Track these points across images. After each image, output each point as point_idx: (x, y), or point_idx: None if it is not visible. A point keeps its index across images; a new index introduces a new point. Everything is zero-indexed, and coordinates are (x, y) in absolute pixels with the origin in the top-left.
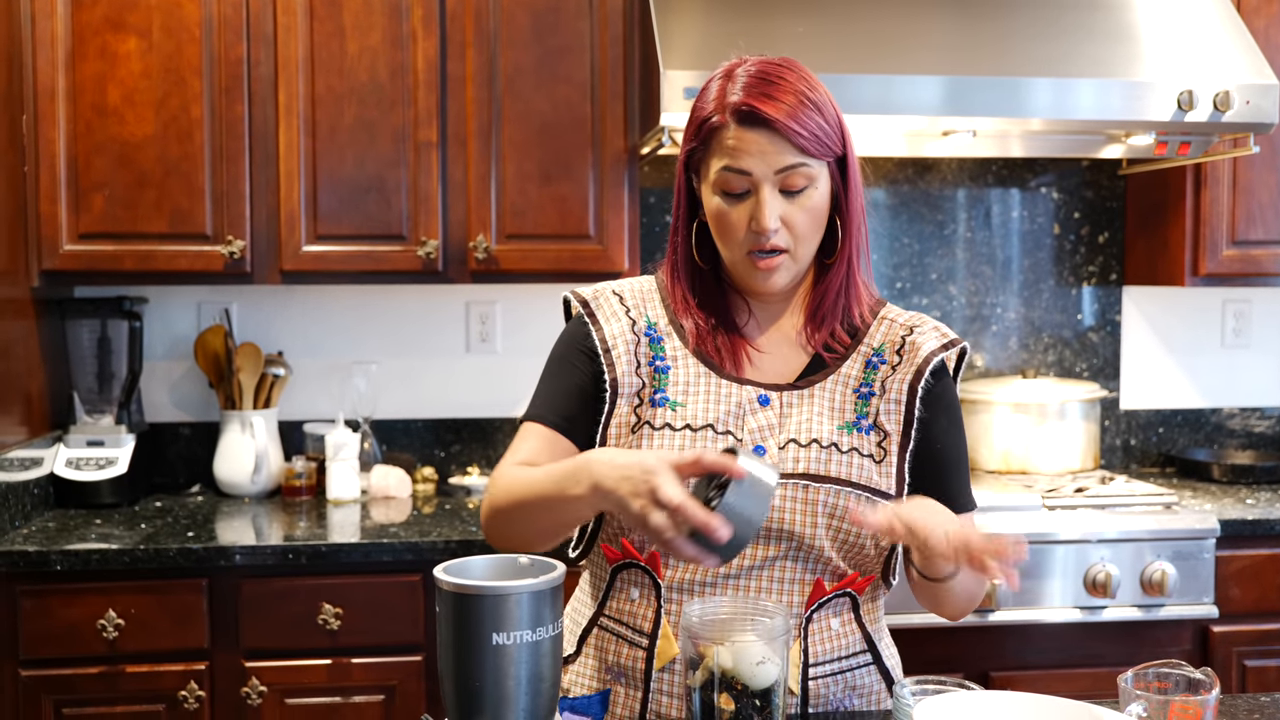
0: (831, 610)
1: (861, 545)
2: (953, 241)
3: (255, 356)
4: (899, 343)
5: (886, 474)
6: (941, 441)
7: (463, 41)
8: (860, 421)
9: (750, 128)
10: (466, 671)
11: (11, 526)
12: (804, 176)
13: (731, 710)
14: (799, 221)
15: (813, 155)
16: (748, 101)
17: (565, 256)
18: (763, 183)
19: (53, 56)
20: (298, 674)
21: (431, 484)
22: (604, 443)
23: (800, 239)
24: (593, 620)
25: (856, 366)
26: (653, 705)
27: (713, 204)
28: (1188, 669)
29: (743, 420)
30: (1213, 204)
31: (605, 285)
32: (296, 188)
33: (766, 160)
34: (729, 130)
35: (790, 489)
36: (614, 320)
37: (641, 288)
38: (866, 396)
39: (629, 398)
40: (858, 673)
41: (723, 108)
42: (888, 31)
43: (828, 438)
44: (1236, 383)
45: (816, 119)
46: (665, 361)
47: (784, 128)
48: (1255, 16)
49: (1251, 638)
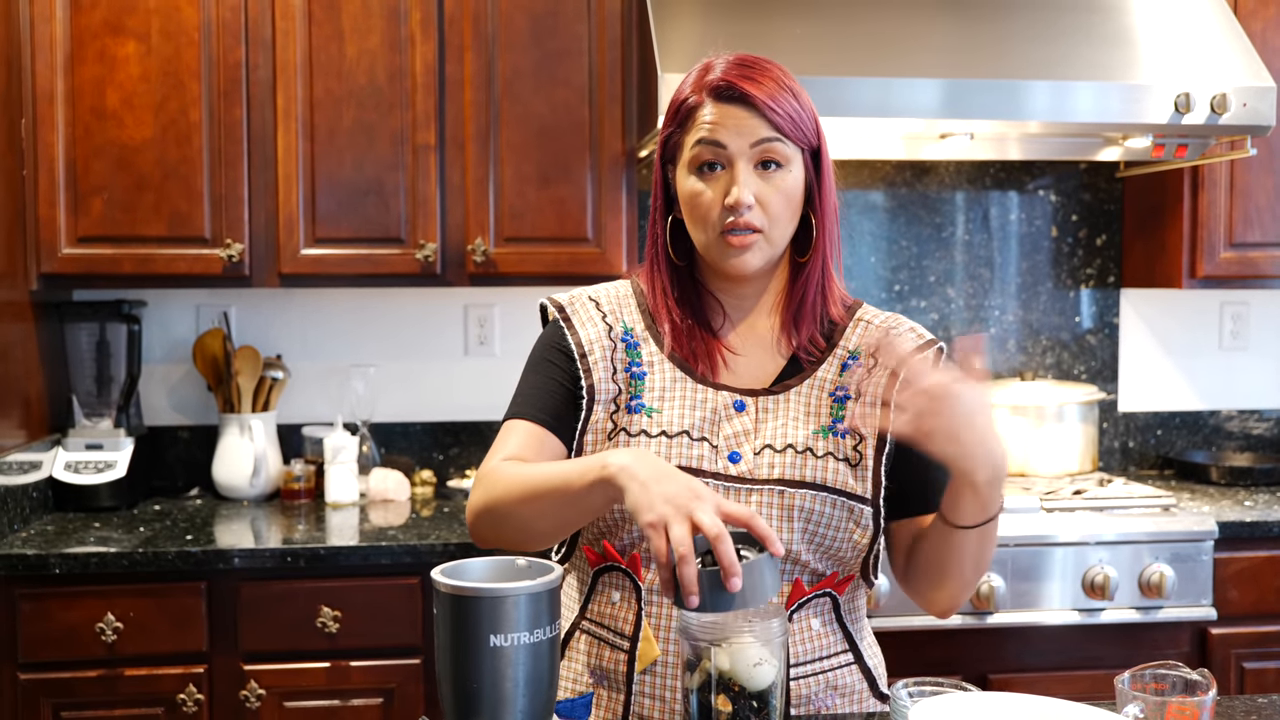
0: (812, 610)
1: (838, 549)
2: (950, 244)
3: (254, 359)
4: (874, 344)
5: (862, 477)
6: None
7: (461, 45)
8: (836, 425)
9: (728, 103)
10: (464, 673)
11: (10, 530)
12: (779, 154)
13: (729, 711)
14: (773, 201)
15: (788, 136)
16: (725, 78)
17: (563, 259)
18: (738, 157)
19: (51, 60)
20: (296, 677)
21: (430, 487)
22: (580, 449)
23: (774, 219)
24: (575, 623)
25: (832, 370)
26: (634, 707)
27: (687, 185)
28: (1185, 670)
29: (718, 426)
30: (1210, 206)
31: (581, 291)
32: (295, 191)
33: (742, 134)
34: (705, 107)
35: (766, 494)
36: (589, 325)
37: (618, 293)
38: (842, 400)
39: (605, 404)
40: (839, 672)
41: (700, 88)
42: (886, 34)
43: (803, 443)
44: (1234, 385)
45: (793, 103)
46: (641, 367)
47: (761, 103)
48: (1252, 19)
49: (1250, 640)
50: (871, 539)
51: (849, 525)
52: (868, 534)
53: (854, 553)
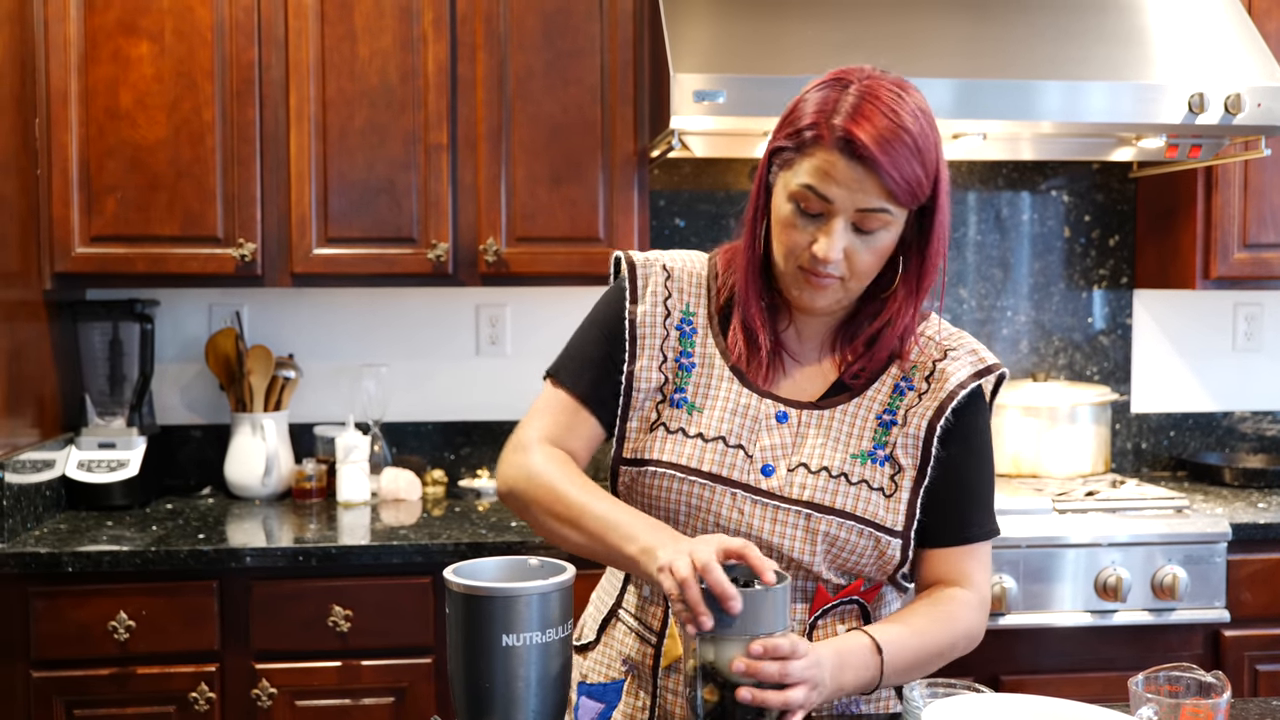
0: (838, 616)
1: (863, 570)
2: (963, 244)
3: (266, 359)
4: (929, 368)
5: (894, 509)
6: (960, 473)
7: (473, 44)
8: (876, 452)
9: (846, 158)
10: (476, 673)
11: (23, 528)
12: (882, 221)
13: (715, 701)
14: (861, 260)
15: (899, 203)
16: (853, 131)
17: (575, 259)
18: (839, 214)
19: (65, 60)
20: (308, 676)
21: (441, 486)
22: (623, 438)
23: (856, 274)
24: (612, 610)
25: (884, 391)
26: (660, 703)
27: (784, 210)
28: (1199, 672)
29: (757, 436)
30: (1224, 207)
31: (658, 256)
32: (307, 190)
33: (852, 196)
34: (825, 151)
35: (792, 515)
36: (650, 301)
37: (691, 268)
38: (888, 425)
39: (650, 393)
40: None
41: (827, 123)
42: (898, 34)
43: (838, 467)
44: (1248, 386)
45: (914, 166)
46: (692, 359)
47: (885, 173)
48: (1266, 19)
49: (1263, 642)
50: (898, 565)
51: (874, 553)
52: (893, 563)
53: (880, 574)
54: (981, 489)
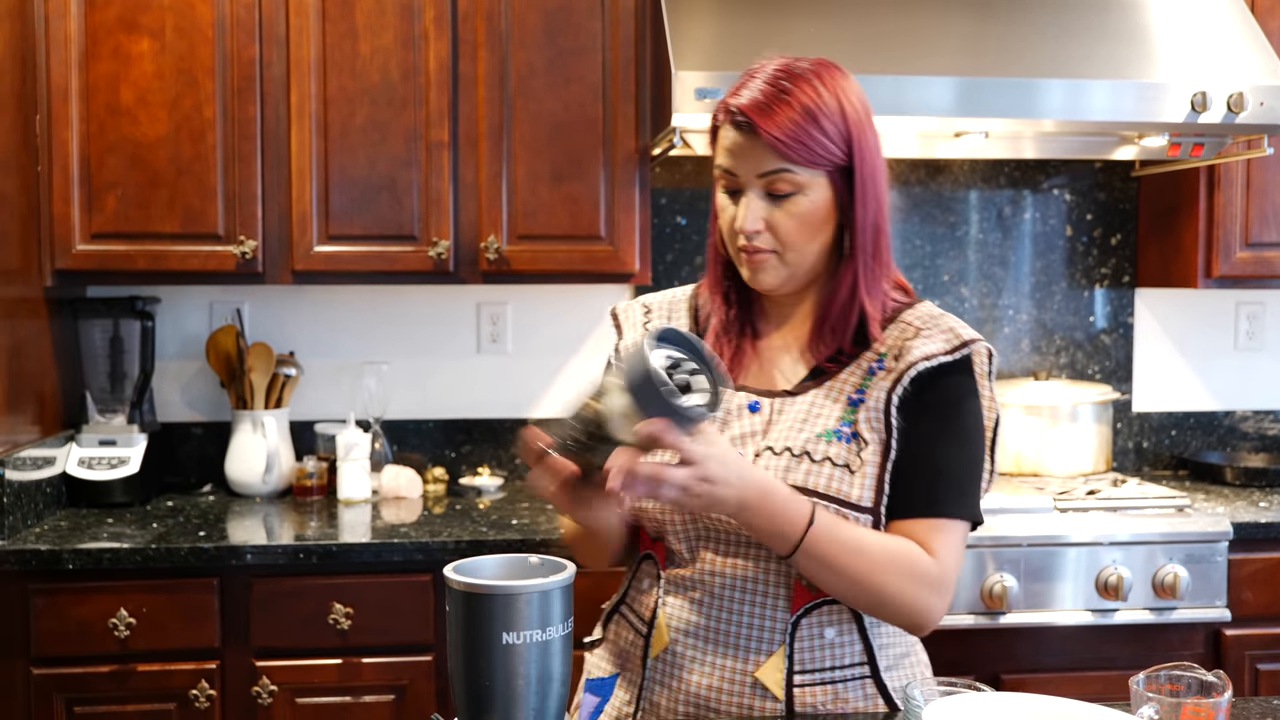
0: (827, 619)
1: None
2: (965, 243)
3: (267, 356)
4: (899, 348)
5: (860, 484)
6: (930, 446)
7: (474, 42)
8: (842, 429)
9: (738, 131)
10: (476, 671)
11: (24, 525)
12: (788, 183)
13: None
14: (783, 227)
15: (798, 163)
16: (738, 105)
17: (576, 257)
18: (747, 186)
19: (66, 57)
20: (308, 673)
21: (442, 484)
22: None
23: (787, 244)
24: (615, 606)
25: (857, 374)
26: (646, 693)
27: (719, 198)
28: (1200, 671)
29: (726, 427)
30: (1226, 206)
31: (640, 298)
32: (308, 188)
33: (749, 164)
34: (725, 131)
35: None
36: (631, 331)
37: (673, 298)
38: (855, 404)
39: None
40: (849, 685)
41: (725, 108)
42: (900, 32)
43: (800, 446)
44: (1250, 385)
45: (806, 127)
46: None
47: (765, 134)
48: (1269, 18)
49: (1264, 641)
50: None
51: None
52: None
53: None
54: (955, 467)
